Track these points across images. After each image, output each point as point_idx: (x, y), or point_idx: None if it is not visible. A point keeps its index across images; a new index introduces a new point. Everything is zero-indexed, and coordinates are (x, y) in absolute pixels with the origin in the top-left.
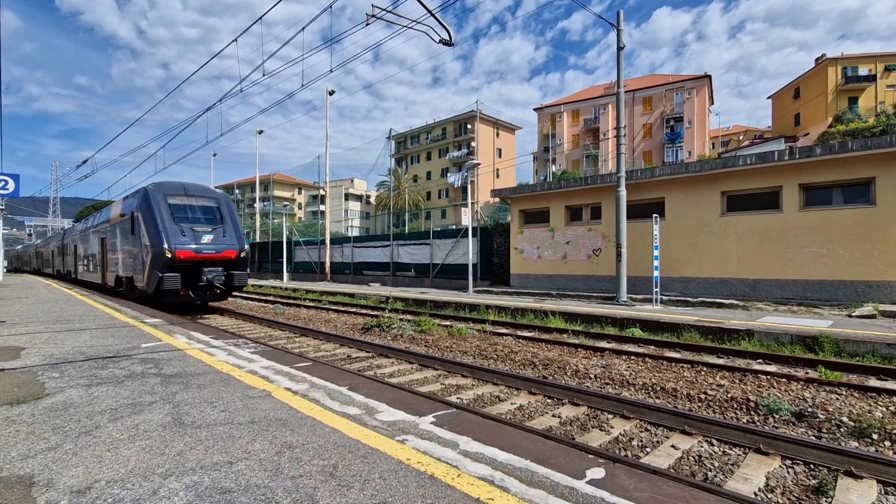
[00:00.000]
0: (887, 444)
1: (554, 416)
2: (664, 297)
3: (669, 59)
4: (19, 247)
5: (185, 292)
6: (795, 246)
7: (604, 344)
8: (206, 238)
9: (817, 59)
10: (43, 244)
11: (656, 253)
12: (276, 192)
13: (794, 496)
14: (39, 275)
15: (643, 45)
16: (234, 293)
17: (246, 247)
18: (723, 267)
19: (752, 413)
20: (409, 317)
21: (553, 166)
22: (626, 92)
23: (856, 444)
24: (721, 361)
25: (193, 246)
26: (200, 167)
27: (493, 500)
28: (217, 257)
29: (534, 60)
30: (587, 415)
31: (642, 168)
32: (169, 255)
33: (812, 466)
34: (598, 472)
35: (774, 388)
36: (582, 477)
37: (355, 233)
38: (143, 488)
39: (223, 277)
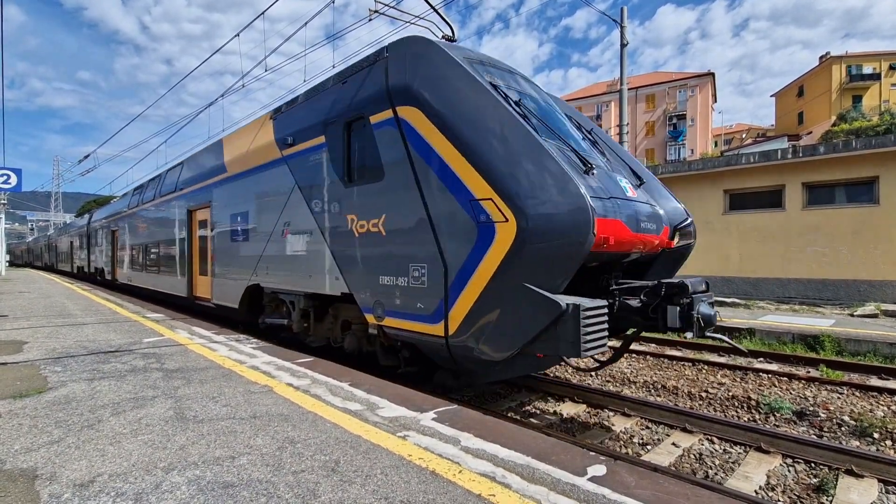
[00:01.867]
0: (888, 443)
1: (555, 413)
2: None
3: (673, 57)
4: (29, 239)
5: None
6: (798, 245)
7: None
8: (629, 189)
9: (821, 58)
10: (59, 233)
11: None
12: None
13: (794, 494)
14: (53, 272)
15: (647, 42)
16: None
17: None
18: (725, 265)
19: (754, 411)
20: None
21: None
22: (628, 89)
23: (857, 443)
24: (722, 360)
25: (623, 209)
26: None
27: (494, 496)
28: (660, 243)
29: (537, 58)
30: (588, 412)
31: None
32: (590, 235)
33: (813, 465)
34: (599, 470)
35: (776, 386)
36: (583, 474)
37: None
38: (145, 482)
39: (713, 306)
